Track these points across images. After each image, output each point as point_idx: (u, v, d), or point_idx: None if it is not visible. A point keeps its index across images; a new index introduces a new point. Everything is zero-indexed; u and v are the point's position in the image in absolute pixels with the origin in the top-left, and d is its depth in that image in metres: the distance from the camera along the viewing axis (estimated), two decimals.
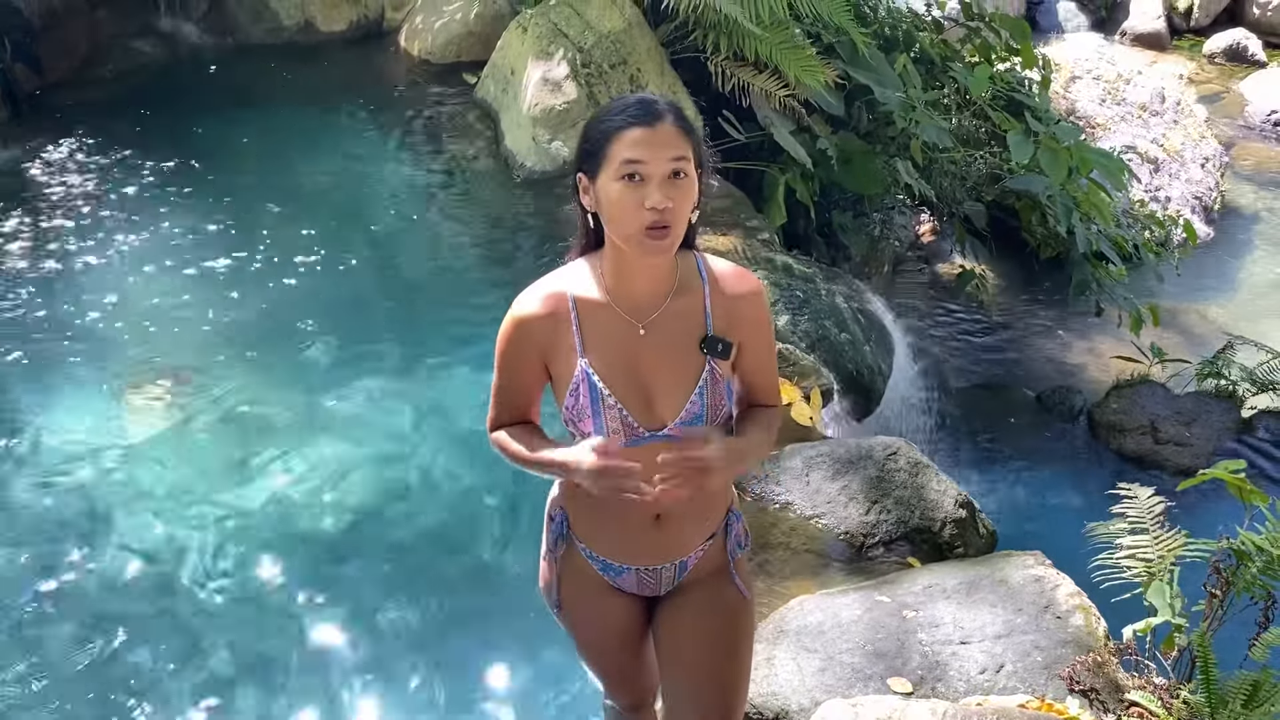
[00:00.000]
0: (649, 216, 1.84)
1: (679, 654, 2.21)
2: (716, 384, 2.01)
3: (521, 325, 2.01)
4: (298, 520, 3.82)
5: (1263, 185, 8.93)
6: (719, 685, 2.20)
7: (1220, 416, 5.53)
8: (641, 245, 1.88)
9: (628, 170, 1.85)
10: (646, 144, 1.85)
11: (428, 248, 5.23)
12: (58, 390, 4.30)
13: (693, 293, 2.01)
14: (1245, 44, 11.00)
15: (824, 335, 4.71)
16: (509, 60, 5.97)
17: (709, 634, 2.19)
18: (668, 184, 1.85)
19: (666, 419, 2.00)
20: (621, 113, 1.88)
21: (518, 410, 2.10)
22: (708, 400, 2.00)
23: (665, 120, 1.86)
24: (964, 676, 2.93)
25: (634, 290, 1.98)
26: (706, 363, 2.00)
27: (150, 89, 6.34)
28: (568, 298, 1.99)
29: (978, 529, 3.70)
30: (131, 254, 5.05)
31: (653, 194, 1.84)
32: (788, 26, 5.56)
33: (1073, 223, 6.38)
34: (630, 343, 1.99)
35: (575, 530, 2.17)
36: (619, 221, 1.88)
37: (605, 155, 1.87)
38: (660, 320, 1.99)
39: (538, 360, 2.03)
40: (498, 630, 3.49)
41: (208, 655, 3.37)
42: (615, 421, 1.99)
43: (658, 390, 2.00)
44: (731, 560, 2.21)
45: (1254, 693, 2.72)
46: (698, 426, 2.00)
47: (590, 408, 1.98)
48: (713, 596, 2.19)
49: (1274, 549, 2.93)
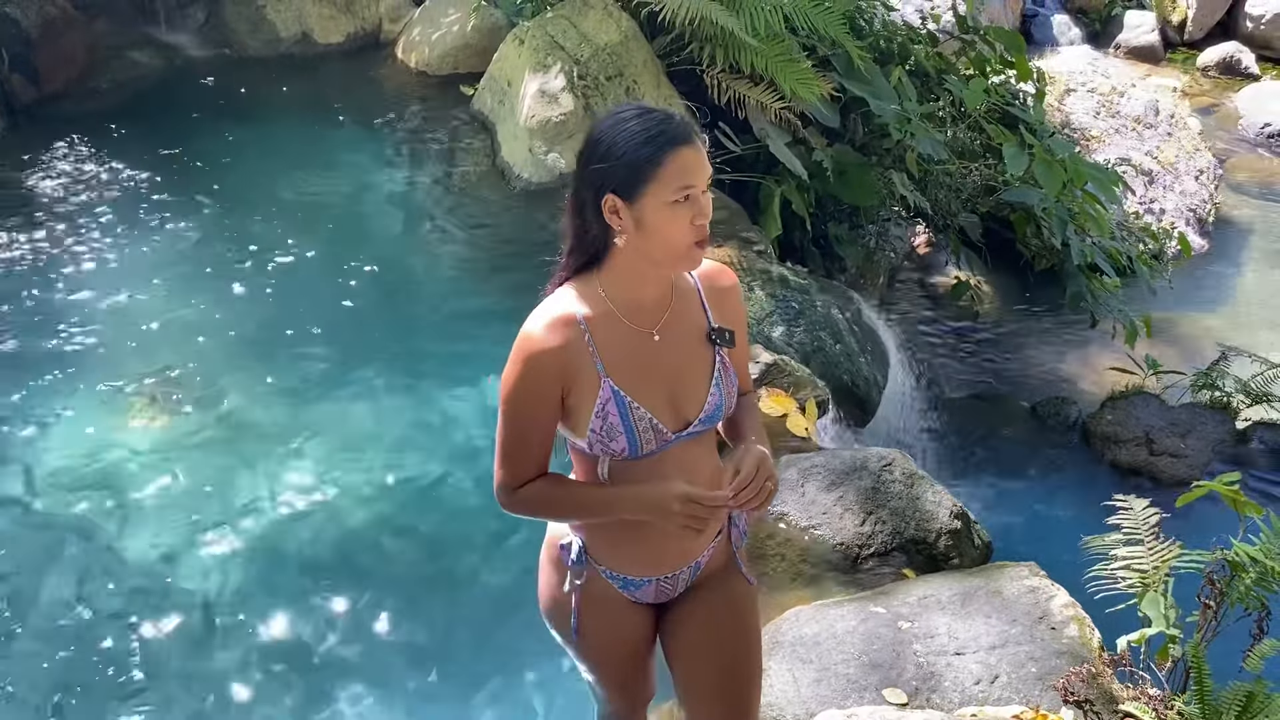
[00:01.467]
0: (699, 233, 1.89)
1: (697, 650, 2.21)
2: (728, 373, 2.07)
3: (537, 360, 1.93)
4: (294, 529, 3.82)
5: (1256, 197, 8.96)
6: (740, 677, 2.21)
7: (1215, 428, 5.54)
8: (688, 260, 1.94)
9: (685, 193, 1.87)
10: (697, 165, 1.89)
11: (424, 259, 5.24)
12: (55, 399, 4.30)
13: (688, 292, 2.07)
14: (1239, 57, 11.04)
15: (819, 346, 4.72)
16: (506, 72, 5.99)
17: (725, 628, 2.21)
18: (705, 197, 1.91)
19: (691, 416, 2.04)
20: (659, 135, 1.86)
21: (537, 460, 2.01)
22: (724, 390, 2.06)
23: (696, 137, 1.91)
24: (959, 687, 2.93)
25: (641, 301, 2.00)
26: (716, 354, 2.05)
27: (148, 100, 6.36)
28: (577, 319, 1.96)
29: (973, 540, 3.71)
30: (128, 265, 5.05)
31: (703, 210, 1.89)
32: (784, 39, 5.58)
33: (1067, 235, 6.40)
34: (646, 351, 2.01)
35: (593, 554, 2.15)
36: (670, 240, 1.89)
37: (653, 178, 1.85)
38: (670, 323, 2.03)
39: (557, 395, 1.96)
40: (493, 639, 3.50)
41: (205, 661, 3.37)
42: (647, 431, 1.99)
43: (679, 391, 2.03)
44: (736, 550, 2.25)
45: (1248, 704, 2.72)
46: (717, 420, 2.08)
47: (621, 424, 1.97)
48: (724, 590, 2.21)
49: (1268, 560, 2.93)
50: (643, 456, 2.00)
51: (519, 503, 2.03)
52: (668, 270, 1.98)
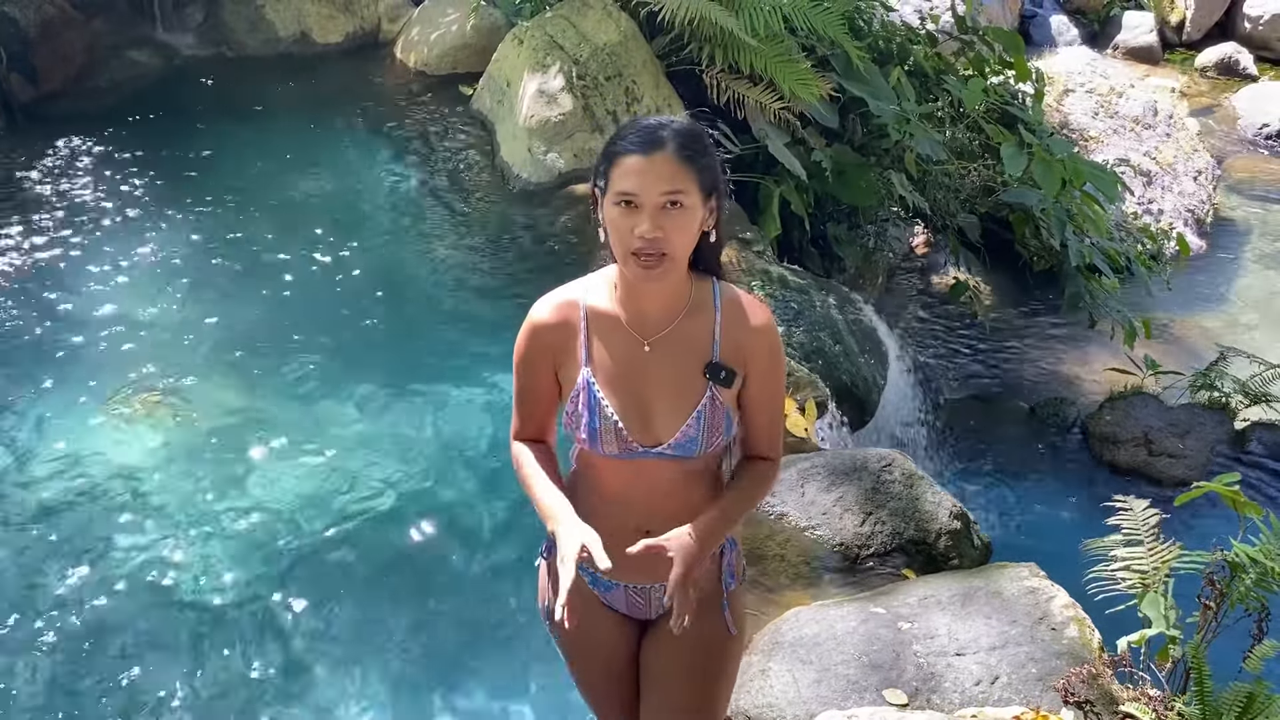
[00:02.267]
0: (637, 243, 1.88)
1: (653, 681, 2.21)
2: (716, 410, 2.01)
3: (535, 331, 2.06)
4: (292, 529, 3.81)
5: (1255, 198, 8.97)
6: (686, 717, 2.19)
7: (1214, 429, 5.54)
8: (633, 270, 1.92)
9: (623, 198, 1.88)
10: (639, 174, 1.87)
11: (423, 259, 5.23)
12: (51, 398, 4.29)
13: (703, 318, 2.02)
14: (1237, 58, 11.05)
15: (818, 347, 4.71)
16: (505, 72, 5.98)
17: (685, 666, 2.17)
18: (660, 214, 1.87)
19: (662, 438, 2.01)
20: (627, 137, 1.91)
21: (536, 420, 2.13)
22: (705, 425, 2.01)
23: (664, 150, 1.87)
24: (959, 688, 2.93)
25: (642, 307, 2.01)
26: (708, 388, 2.01)
27: (146, 100, 6.34)
28: (580, 307, 2.03)
29: (972, 541, 3.71)
30: (126, 264, 5.04)
31: (642, 223, 1.87)
32: (783, 40, 5.58)
33: (1066, 235, 6.41)
34: (635, 358, 2.01)
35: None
36: (615, 244, 1.94)
37: (608, 178, 1.91)
38: (667, 340, 2.01)
39: (550, 366, 2.07)
40: (492, 640, 3.49)
41: (202, 662, 3.36)
42: (610, 433, 2.00)
43: (657, 408, 2.01)
44: (725, 591, 2.19)
45: (1248, 705, 2.72)
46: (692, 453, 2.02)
47: (587, 416, 2.01)
48: (698, 628, 2.06)
49: (1268, 561, 2.93)
50: (609, 456, 2.03)
51: (512, 455, 2.15)
52: (631, 279, 1.95)
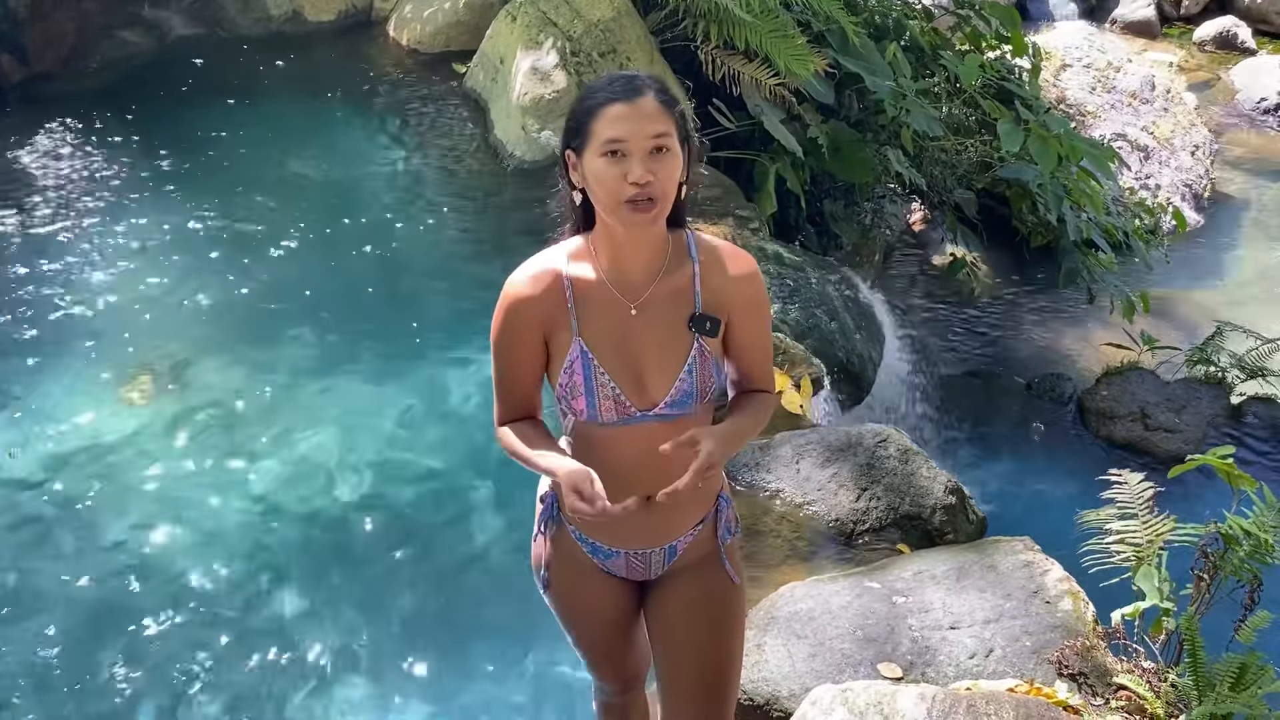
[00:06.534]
0: (631, 190, 1.87)
1: (670, 639, 2.22)
2: (705, 362, 2.03)
3: (516, 306, 2.00)
4: (291, 509, 3.82)
5: (1252, 172, 8.95)
6: (710, 670, 2.21)
7: (1210, 403, 5.55)
8: (626, 218, 1.90)
9: (610, 147, 1.87)
10: (627, 119, 1.87)
11: (417, 238, 5.22)
12: (47, 381, 4.29)
13: (682, 271, 2.03)
14: (1235, 31, 10.99)
15: (814, 324, 4.71)
16: (498, 49, 5.95)
17: (699, 619, 2.20)
18: (650, 158, 1.88)
19: (658, 398, 2.02)
20: (603, 90, 1.91)
21: (520, 400, 2.09)
22: (697, 378, 2.02)
23: (646, 95, 1.89)
24: (953, 661, 2.94)
25: (626, 268, 2.00)
26: (695, 340, 2.02)
27: (138, 79, 6.31)
28: (562, 275, 2.00)
29: (967, 515, 3.72)
30: (119, 245, 5.03)
31: (635, 168, 1.86)
32: (778, 15, 5.54)
33: (1063, 211, 6.39)
34: (622, 322, 2.01)
35: (564, 513, 2.17)
36: (604, 196, 1.91)
37: (589, 131, 1.89)
38: (651, 299, 2.01)
39: (537, 338, 2.02)
40: (491, 617, 3.51)
41: (199, 647, 3.36)
42: (608, 400, 2.00)
43: (649, 369, 2.02)
44: (721, 546, 2.22)
45: (1241, 675, 2.73)
46: (689, 408, 2.02)
47: (584, 386, 2.00)
48: (703, 582, 2.19)
49: (1261, 533, 2.94)
50: (606, 425, 2.02)
51: (500, 440, 2.10)
52: (624, 229, 1.94)
